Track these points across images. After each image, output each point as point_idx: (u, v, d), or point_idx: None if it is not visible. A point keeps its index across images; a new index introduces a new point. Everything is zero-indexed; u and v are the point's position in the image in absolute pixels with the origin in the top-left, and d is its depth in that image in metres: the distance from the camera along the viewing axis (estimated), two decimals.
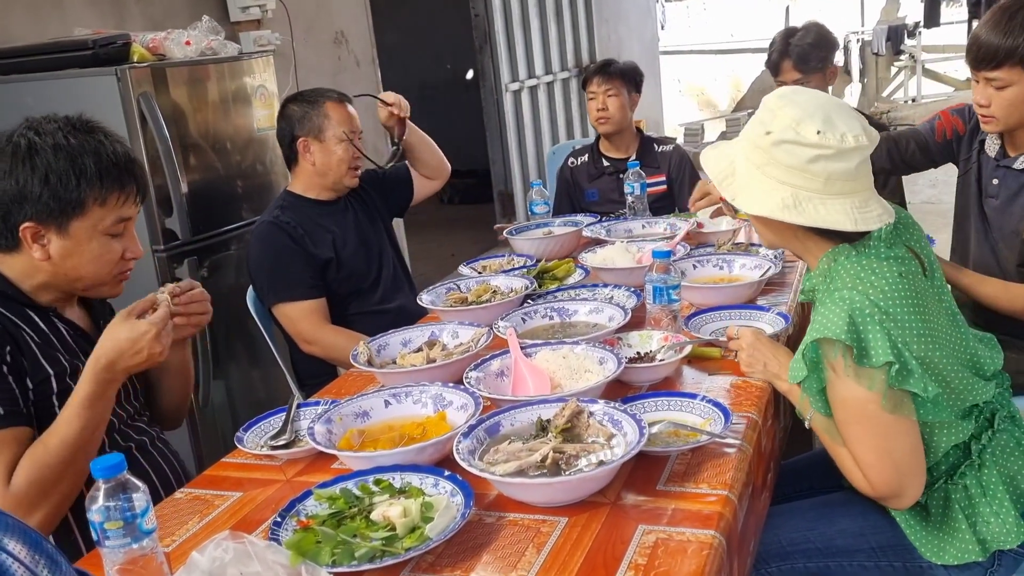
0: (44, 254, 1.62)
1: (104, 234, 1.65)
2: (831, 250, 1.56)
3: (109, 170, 1.63)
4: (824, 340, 1.45)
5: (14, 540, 0.81)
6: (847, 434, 1.50)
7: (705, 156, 1.68)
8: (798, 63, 3.13)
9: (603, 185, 3.56)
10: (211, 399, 3.14)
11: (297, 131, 2.63)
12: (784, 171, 1.51)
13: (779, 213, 1.50)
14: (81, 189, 1.60)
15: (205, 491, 1.55)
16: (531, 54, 7.02)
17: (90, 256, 1.65)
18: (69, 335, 1.70)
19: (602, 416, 1.47)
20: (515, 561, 1.22)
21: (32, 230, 1.61)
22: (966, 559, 1.55)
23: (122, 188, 1.66)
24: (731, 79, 13.19)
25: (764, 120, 1.55)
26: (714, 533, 1.24)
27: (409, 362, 1.87)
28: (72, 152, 1.61)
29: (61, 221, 1.61)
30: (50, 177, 1.59)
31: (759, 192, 1.54)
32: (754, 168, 1.56)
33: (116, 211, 1.66)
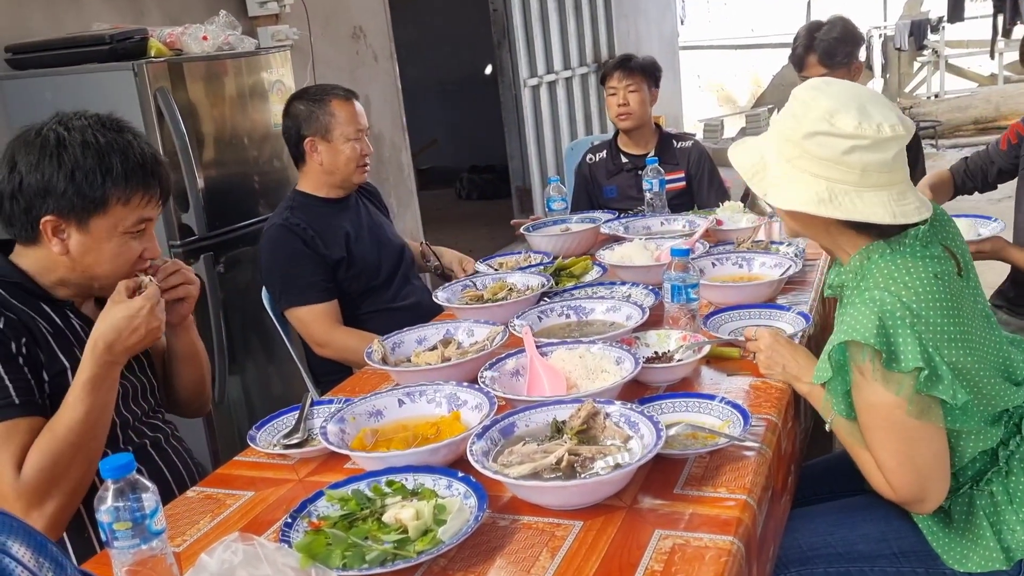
0: (63, 248, 1.61)
1: (124, 233, 1.64)
2: (865, 247, 1.51)
3: (135, 170, 1.62)
4: (852, 343, 1.41)
5: (18, 543, 0.79)
6: (870, 438, 1.47)
7: (733, 151, 1.63)
8: (823, 58, 3.08)
9: (621, 181, 3.53)
10: (227, 394, 3.14)
11: (304, 130, 2.60)
12: (818, 164, 1.46)
13: (814, 207, 1.46)
14: (106, 187, 1.59)
15: (217, 490, 1.54)
16: (549, 49, 6.98)
17: (108, 254, 1.64)
18: (83, 331, 1.69)
19: (619, 417, 1.45)
20: (529, 566, 1.19)
21: (53, 224, 1.60)
22: (989, 567, 1.52)
23: (146, 189, 1.65)
24: (751, 74, 13.09)
25: (796, 112, 1.51)
26: (732, 539, 1.21)
27: (424, 360, 1.85)
28: (100, 150, 1.60)
29: (83, 217, 1.60)
30: (76, 173, 1.58)
31: (792, 186, 1.49)
32: (785, 162, 1.51)
33: (138, 211, 1.65)
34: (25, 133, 1.64)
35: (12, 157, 1.62)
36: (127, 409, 1.73)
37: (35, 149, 1.60)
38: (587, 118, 7.53)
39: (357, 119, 2.63)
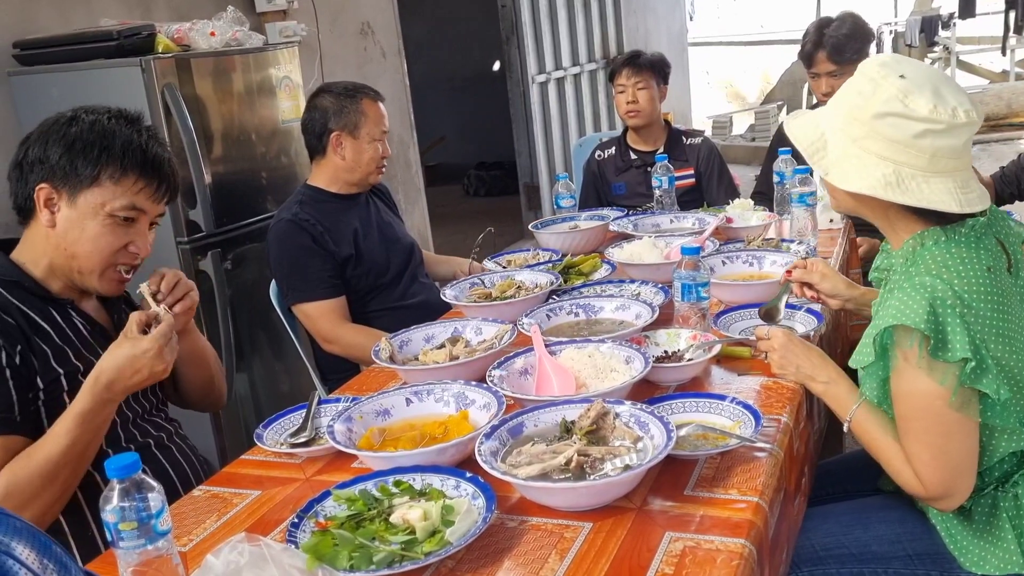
0: (51, 220, 1.62)
1: (110, 216, 1.63)
2: (920, 232, 1.48)
3: (134, 154, 1.63)
4: (901, 327, 1.38)
5: (22, 544, 0.78)
6: (905, 428, 1.44)
7: (790, 124, 1.60)
8: (832, 54, 3.07)
9: (630, 178, 3.52)
10: (235, 391, 3.13)
11: (331, 124, 2.59)
12: (886, 145, 1.43)
13: (881, 191, 1.43)
14: (100, 161, 1.60)
15: (224, 489, 1.53)
16: (558, 45, 6.96)
17: (91, 233, 1.62)
18: (86, 330, 1.69)
19: (628, 418, 1.43)
20: (538, 568, 1.18)
21: (46, 192, 1.61)
22: (1008, 570, 1.49)
23: (142, 174, 1.64)
24: (760, 71, 13.04)
25: (863, 90, 1.47)
26: (744, 542, 1.19)
27: (431, 359, 1.83)
28: (106, 130, 1.63)
29: (73, 189, 1.61)
30: (76, 144, 1.61)
31: (856, 167, 1.46)
32: (850, 141, 1.47)
33: (130, 196, 1.64)
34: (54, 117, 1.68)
35: (30, 135, 1.67)
36: (127, 407, 1.71)
37: (48, 124, 1.65)
38: (595, 115, 7.50)
39: (383, 120, 2.64)
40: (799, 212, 2.50)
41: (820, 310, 1.97)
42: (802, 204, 2.50)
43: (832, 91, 3.04)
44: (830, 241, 2.59)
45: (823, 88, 3.15)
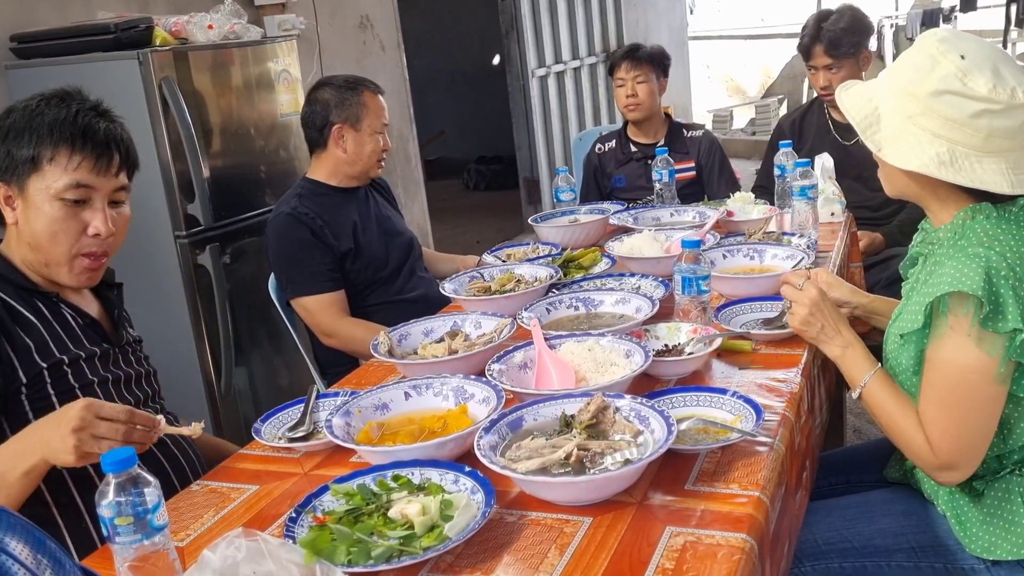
0: (13, 218, 1.61)
1: (58, 199, 1.58)
2: (971, 207, 1.48)
3: (61, 127, 1.58)
4: (957, 294, 1.38)
5: (15, 540, 0.77)
6: (932, 396, 1.44)
7: (842, 95, 1.58)
8: (829, 48, 3.05)
9: (630, 171, 3.50)
10: (233, 385, 3.13)
11: (332, 116, 2.58)
12: (941, 123, 1.42)
13: (935, 170, 1.42)
14: (32, 143, 1.57)
15: (221, 484, 1.52)
16: (558, 39, 6.94)
17: (45, 221, 1.58)
18: (75, 322, 1.67)
19: (628, 412, 1.42)
20: (537, 563, 1.17)
21: (2, 191, 1.61)
22: (1020, 555, 1.49)
23: (73, 147, 1.58)
24: (761, 65, 13.00)
25: (921, 66, 1.45)
26: (745, 536, 1.18)
27: (430, 353, 1.83)
28: (33, 112, 1.60)
29: (21, 180, 1.58)
30: (10, 134, 1.59)
31: (910, 145, 1.45)
32: (905, 118, 1.47)
33: (70, 173, 1.57)
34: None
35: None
36: (120, 399, 1.70)
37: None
38: (595, 108, 7.49)
39: (383, 113, 2.63)
40: (800, 205, 2.49)
41: None
42: (803, 197, 2.48)
43: (830, 85, 3.04)
44: (831, 235, 2.58)
45: (821, 82, 3.13)
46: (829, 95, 3.06)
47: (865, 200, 3.07)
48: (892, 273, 2.92)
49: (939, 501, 1.59)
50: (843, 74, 3.04)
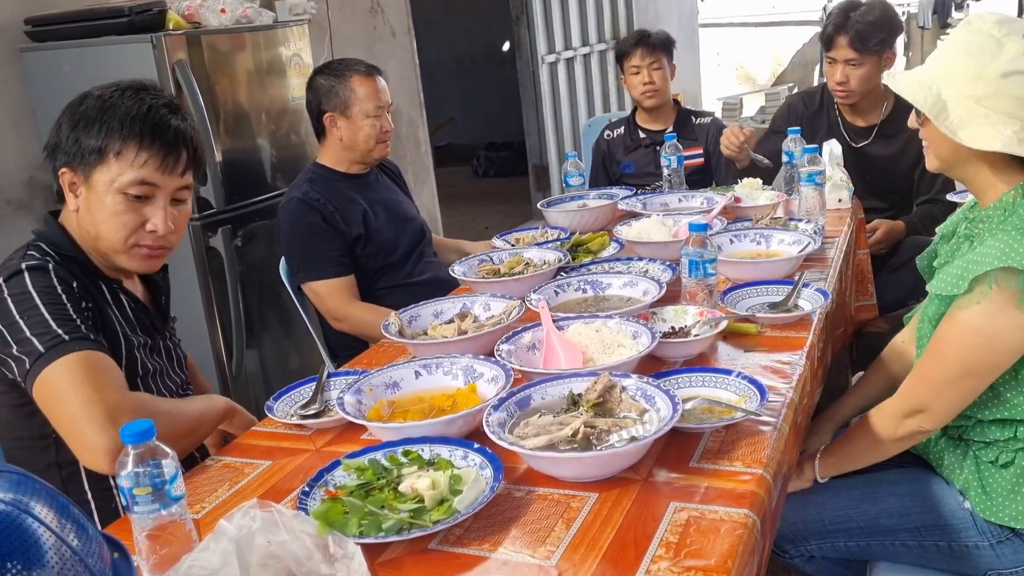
0: (76, 205, 1.62)
1: (120, 192, 1.58)
2: (1021, 184, 1.53)
3: (133, 122, 1.57)
4: (1006, 268, 1.42)
5: (40, 504, 0.80)
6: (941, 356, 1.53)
7: (898, 85, 1.60)
8: (855, 41, 2.86)
9: (639, 158, 3.52)
10: (244, 367, 3.16)
11: (324, 105, 2.60)
12: (1013, 103, 1.47)
13: (1016, 147, 1.47)
14: (102, 136, 1.57)
15: (235, 459, 1.55)
16: (568, 25, 6.93)
17: (107, 212, 1.59)
18: (130, 307, 1.69)
19: (635, 391, 1.44)
20: (544, 536, 1.20)
21: (68, 177, 1.61)
22: None
23: (142, 143, 1.57)
24: (771, 52, 12.94)
25: (987, 49, 1.49)
26: (748, 512, 1.21)
27: (440, 334, 1.85)
28: (107, 103, 1.59)
29: (86, 169, 1.58)
30: (80, 123, 1.58)
31: (984, 127, 1.49)
32: (972, 101, 1.50)
33: (136, 169, 1.57)
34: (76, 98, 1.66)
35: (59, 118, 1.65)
36: (164, 386, 1.74)
37: (65, 107, 1.63)
38: (604, 95, 7.48)
39: (378, 95, 2.61)
40: (807, 191, 2.50)
41: (826, 288, 1.97)
42: (811, 183, 2.50)
43: (847, 80, 2.89)
44: (838, 221, 2.59)
45: (838, 76, 2.93)
46: (844, 92, 2.94)
47: (873, 204, 3.04)
48: (900, 259, 2.92)
49: (962, 473, 1.62)
50: (864, 72, 2.89)
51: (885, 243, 2.93)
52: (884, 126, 3.02)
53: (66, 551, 0.79)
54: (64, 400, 1.43)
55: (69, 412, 1.43)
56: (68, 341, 1.47)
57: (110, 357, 1.52)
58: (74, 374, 1.44)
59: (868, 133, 3.02)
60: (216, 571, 1.07)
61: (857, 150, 3.03)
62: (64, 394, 1.43)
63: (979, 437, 1.60)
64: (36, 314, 1.49)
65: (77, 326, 1.50)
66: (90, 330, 1.52)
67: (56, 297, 1.52)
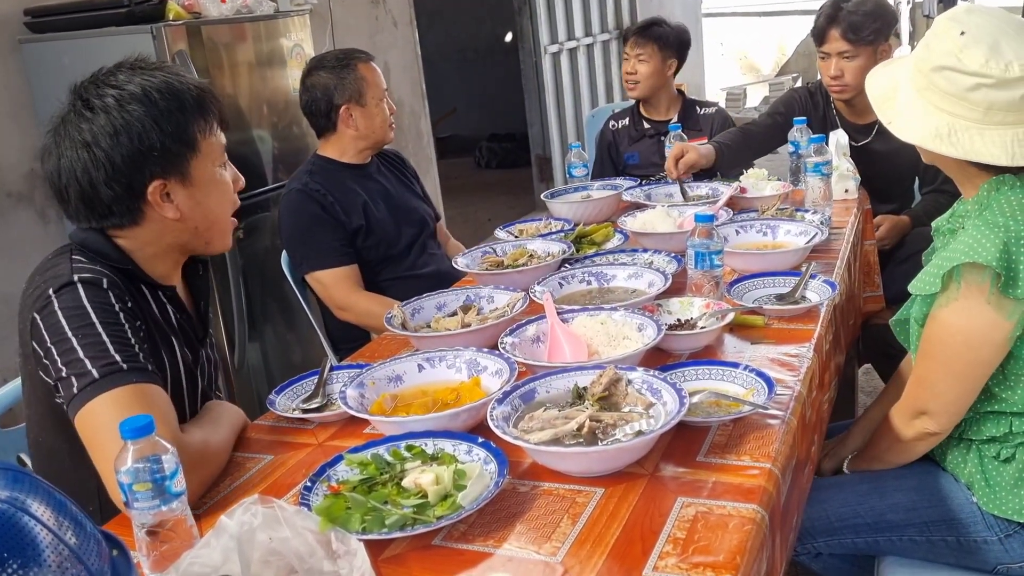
0: (176, 212, 1.49)
1: (219, 167, 1.54)
2: (995, 179, 1.52)
3: (200, 97, 1.51)
4: (972, 264, 1.42)
5: (38, 502, 0.79)
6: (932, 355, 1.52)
7: (872, 74, 1.64)
8: (848, 32, 2.80)
9: (644, 148, 3.49)
10: (247, 361, 3.15)
11: (337, 99, 2.57)
12: (942, 98, 1.47)
13: (931, 142, 1.47)
14: (189, 124, 1.48)
15: (237, 453, 1.53)
16: (571, 16, 6.89)
17: (218, 194, 1.55)
18: (176, 317, 1.60)
19: (641, 384, 1.43)
20: (549, 532, 1.18)
21: (160, 188, 1.47)
22: None
23: (216, 113, 1.54)
24: (775, 42, 12.89)
25: (928, 42, 1.50)
26: (756, 507, 1.19)
27: (444, 326, 1.83)
28: (164, 90, 1.47)
29: (182, 167, 1.48)
30: (160, 122, 1.45)
31: (915, 118, 1.50)
32: (915, 92, 1.51)
33: (219, 139, 1.55)
34: (67, 115, 1.47)
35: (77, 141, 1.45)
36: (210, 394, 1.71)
37: (100, 120, 1.43)
38: (608, 86, 7.45)
39: (381, 79, 2.64)
40: (814, 182, 2.48)
41: (834, 279, 1.95)
42: (817, 174, 2.47)
43: (842, 75, 2.82)
44: (844, 211, 2.57)
45: (831, 70, 2.84)
46: (839, 87, 2.86)
47: (877, 200, 2.99)
48: (906, 251, 2.90)
49: (966, 467, 1.61)
50: (858, 64, 2.80)
51: (889, 238, 2.90)
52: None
53: (63, 549, 0.77)
54: (109, 438, 1.26)
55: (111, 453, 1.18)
56: (126, 371, 1.35)
57: (163, 389, 1.41)
58: (128, 409, 1.30)
59: (868, 131, 2.98)
60: (217, 568, 1.06)
61: (858, 148, 2.98)
62: (111, 432, 1.22)
63: (976, 435, 1.59)
64: (92, 333, 1.37)
65: (135, 353, 1.39)
66: (147, 358, 1.41)
67: (114, 316, 1.41)
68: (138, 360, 1.39)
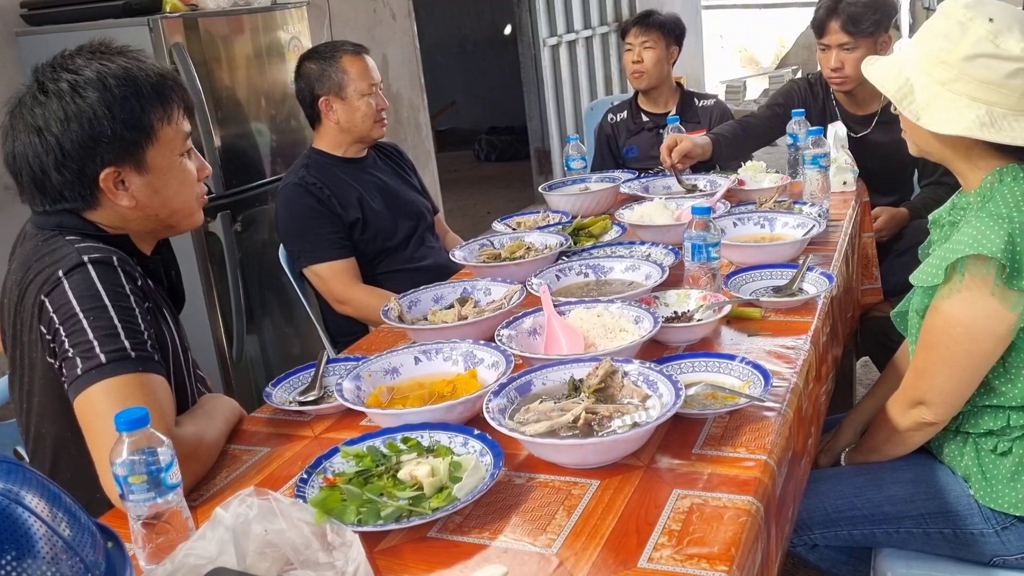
0: (131, 200, 1.48)
1: (180, 155, 1.52)
2: (998, 169, 1.52)
3: (162, 84, 1.48)
4: (977, 256, 1.42)
5: (32, 493, 0.79)
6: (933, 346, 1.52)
7: (870, 71, 1.61)
8: (847, 24, 2.80)
9: (642, 141, 3.49)
10: (245, 353, 3.15)
11: (317, 90, 2.58)
12: (978, 87, 1.46)
13: (978, 132, 1.45)
14: (146, 112, 1.45)
15: (233, 446, 1.53)
16: (570, 8, 6.88)
17: (177, 184, 1.52)
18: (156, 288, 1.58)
19: (637, 376, 1.43)
20: (545, 524, 1.18)
21: (113, 175, 1.45)
22: None
23: (178, 100, 1.51)
24: (775, 35, 12.87)
25: (950, 33, 1.48)
26: (752, 499, 1.19)
27: (440, 319, 1.83)
28: (121, 75, 1.45)
29: (137, 155, 1.46)
30: (113, 108, 1.42)
31: (948, 110, 1.48)
32: (938, 85, 1.49)
33: (181, 128, 1.52)
34: (23, 98, 1.45)
35: (30, 125, 1.44)
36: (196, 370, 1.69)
37: (53, 104, 1.42)
38: (607, 78, 7.44)
39: (369, 74, 2.61)
40: (812, 174, 2.48)
41: (831, 272, 1.95)
42: (815, 166, 2.47)
43: (842, 67, 2.83)
44: (843, 204, 2.57)
45: (832, 62, 2.85)
46: (839, 79, 2.87)
47: (876, 192, 2.99)
48: (904, 244, 2.89)
49: (963, 460, 1.62)
50: (858, 55, 2.79)
51: (887, 230, 2.90)
52: (884, 113, 2.98)
53: (57, 541, 0.77)
54: (107, 424, 1.24)
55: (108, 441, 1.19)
56: (133, 359, 1.35)
57: (166, 379, 1.42)
58: (130, 398, 1.31)
59: (868, 122, 2.97)
60: (213, 560, 1.06)
61: (858, 139, 2.98)
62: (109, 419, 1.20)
63: (974, 428, 1.60)
64: (103, 315, 1.37)
65: (144, 340, 1.38)
66: (155, 346, 1.41)
67: (125, 298, 1.40)
68: (145, 348, 1.39)
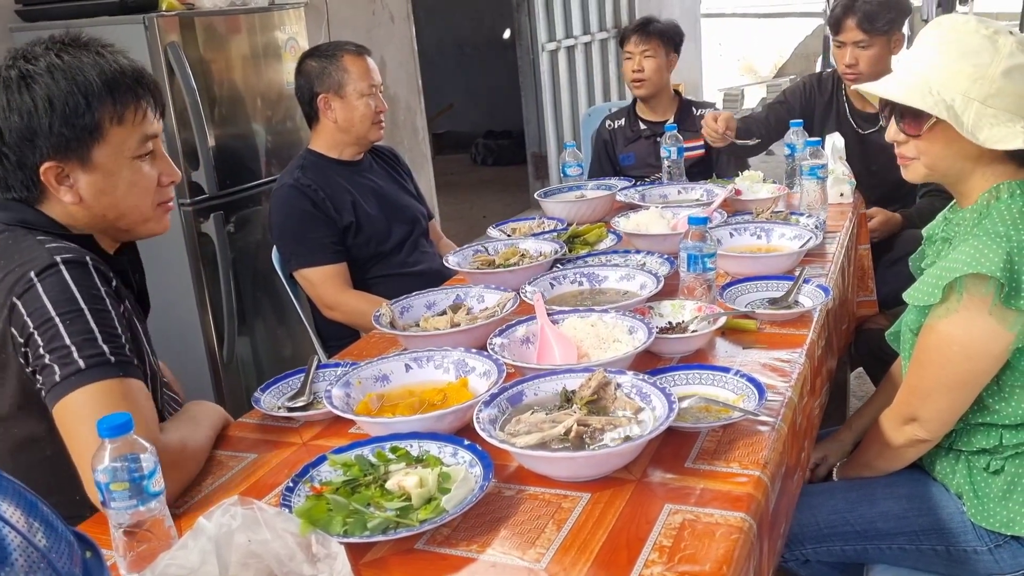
0: (74, 196, 1.44)
1: (133, 158, 1.46)
2: (995, 186, 1.51)
3: (117, 82, 1.43)
4: (975, 275, 1.41)
5: (8, 503, 0.77)
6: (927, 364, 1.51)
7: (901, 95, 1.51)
8: (863, 22, 2.86)
9: (639, 149, 3.48)
10: (236, 355, 3.12)
11: (316, 88, 2.56)
12: (1014, 100, 1.45)
13: None
14: (93, 109, 1.40)
15: (220, 452, 1.51)
16: (569, 13, 6.87)
17: (125, 187, 1.47)
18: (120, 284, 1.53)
19: (630, 388, 1.41)
20: (534, 537, 1.16)
21: (54, 170, 1.42)
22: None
23: (137, 100, 1.45)
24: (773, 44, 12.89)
25: (982, 49, 1.47)
26: (744, 516, 1.17)
27: (432, 326, 1.81)
28: (70, 70, 1.41)
29: (81, 152, 1.42)
30: (54, 102, 1.39)
31: (997, 127, 1.46)
32: (978, 103, 1.47)
33: (138, 129, 1.46)
34: None
35: None
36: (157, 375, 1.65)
37: (2, 94, 1.41)
38: (605, 84, 7.43)
39: (370, 75, 2.59)
40: (809, 185, 2.46)
41: (827, 283, 1.94)
42: (812, 177, 2.46)
43: (857, 63, 2.89)
44: (840, 215, 2.56)
45: (847, 59, 2.92)
46: (853, 75, 2.92)
47: (874, 192, 3.00)
48: (896, 254, 2.89)
49: (955, 478, 1.61)
50: (872, 53, 2.88)
51: (880, 232, 2.90)
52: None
53: (32, 552, 0.75)
54: (90, 430, 1.20)
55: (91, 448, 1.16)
56: (112, 364, 1.33)
57: (145, 384, 1.39)
58: (112, 404, 1.29)
59: (876, 120, 2.98)
60: (194, 570, 1.04)
61: (864, 137, 3.01)
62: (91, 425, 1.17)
63: (966, 446, 1.58)
64: (79, 319, 1.33)
65: (122, 344, 1.36)
66: (132, 350, 1.38)
67: (100, 300, 1.37)
68: (124, 352, 1.36)
